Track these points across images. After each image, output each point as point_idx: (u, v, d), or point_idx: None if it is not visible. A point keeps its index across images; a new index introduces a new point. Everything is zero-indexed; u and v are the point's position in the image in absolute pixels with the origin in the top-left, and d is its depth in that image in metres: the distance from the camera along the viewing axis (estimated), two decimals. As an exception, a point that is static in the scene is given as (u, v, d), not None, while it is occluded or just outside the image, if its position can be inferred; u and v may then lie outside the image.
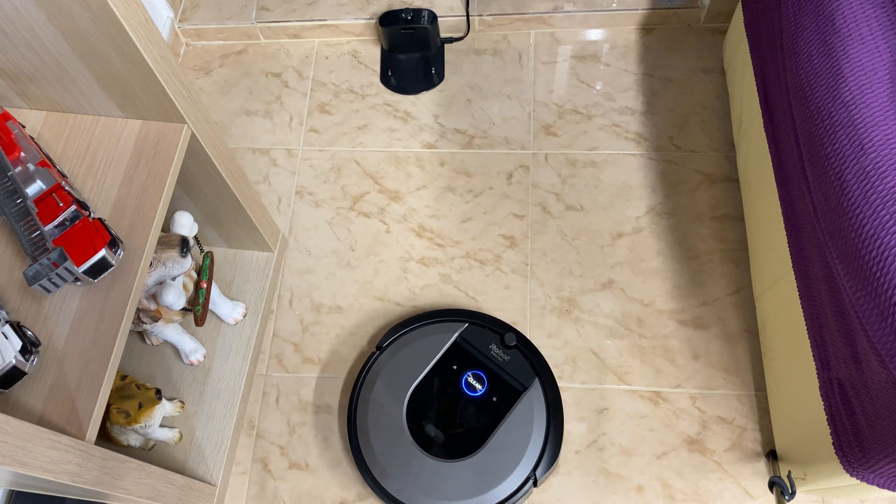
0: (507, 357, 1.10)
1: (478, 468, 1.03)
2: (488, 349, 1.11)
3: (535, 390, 1.08)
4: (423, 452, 1.05)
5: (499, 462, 1.04)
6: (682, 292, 1.22)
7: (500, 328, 1.13)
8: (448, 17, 1.47)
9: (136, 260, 0.83)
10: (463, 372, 1.10)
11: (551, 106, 1.41)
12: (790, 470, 0.99)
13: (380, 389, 1.10)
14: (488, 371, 1.10)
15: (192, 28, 1.53)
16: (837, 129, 0.76)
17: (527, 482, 1.03)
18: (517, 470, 1.03)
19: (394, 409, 1.08)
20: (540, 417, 1.06)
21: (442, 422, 1.09)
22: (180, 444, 1.13)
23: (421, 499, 1.02)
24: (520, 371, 1.09)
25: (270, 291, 1.27)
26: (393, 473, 1.04)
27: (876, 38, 0.78)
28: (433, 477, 1.03)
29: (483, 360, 1.11)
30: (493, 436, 1.05)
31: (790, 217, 0.92)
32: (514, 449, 1.04)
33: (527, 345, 1.12)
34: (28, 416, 0.75)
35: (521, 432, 1.05)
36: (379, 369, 1.11)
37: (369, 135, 1.42)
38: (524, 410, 1.07)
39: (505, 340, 1.11)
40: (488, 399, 1.08)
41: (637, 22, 1.46)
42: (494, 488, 1.02)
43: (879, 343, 0.67)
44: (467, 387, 1.09)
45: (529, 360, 1.10)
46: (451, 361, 1.11)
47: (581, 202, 1.31)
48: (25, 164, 0.82)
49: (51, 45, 0.77)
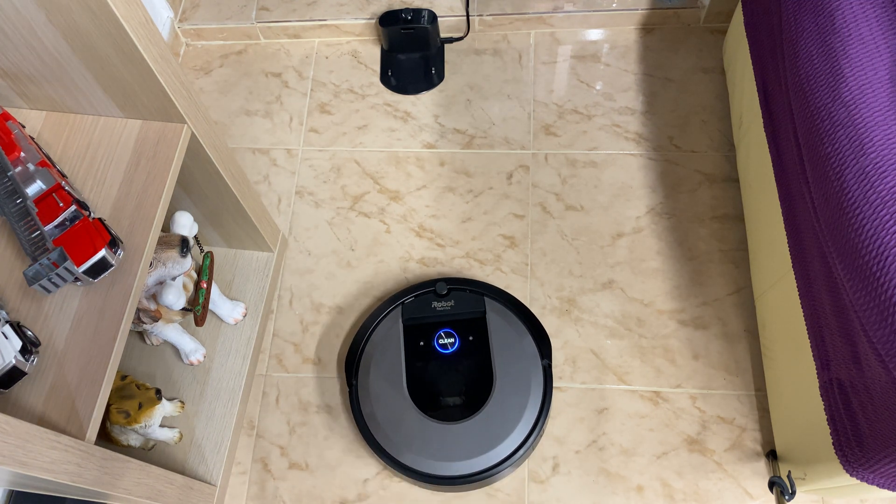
0: (451, 303, 1.15)
1: (501, 396, 1.07)
2: (433, 309, 1.15)
3: (491, 308, 1.14)
4: (447, 423, 1.06)
5: (510, 380, 1.08)
6: (682, 292, 1.22)
7: (430, 286, 1.17)
8: (448, 17, 1.47)
9: (136, 260, 0.83)
10: (430, 340, 1.13)
11: (551, 106, 1.41)
12: (790, 470, 0.99)
13: (376, 391, 1.10)
14: (448, 324, 1.14)
15: (192, 28, 1.53)
16: (837, 129, 0.76)
17: (544, 372, 1.09)
18: (527, 370, 1.08)
19: (398, 401, 1.09)
20: (515, 324, 1.12)
21: (446, 389, 1.11)
22: (180, 444, 1.13)
23: (474, 458, 1.04)
24: (469, 304, 1.15)
25: (270, 291, 1.27)
26: (425, 452, 1.05)
27: (876, 38, 0.78)
28: (468, 434, 1.05)
29: (437, 320, 1.15)
30: (494, 366, 1.09)
31: (790, 217, 0.92)
32: (515, 363, 1.09)
33: (458, 283, 1.17)
34: (28, 416, 0.75)
35: (510, 347, 1.10)
36: (366, 393, 1.11)
37: (369, 135, 1.42)
38: (499, 329, 1.12)
39: (438, 291, 1.16)
40: (467, 343, 1.13)
41: (637, 22, 1.46)
42: (527, 398, 1.07)
43: (879, 343, 0.67)
44: (445, 348, 1.13)
45: (469, 291, 1.16)
46: (416, 340, 1.14)
47: (581, 202, 1.31)
48: (25, 164, 0.82)
49: (51, 45, 0.77)
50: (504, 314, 1.13)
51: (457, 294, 1.16)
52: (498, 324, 1.12)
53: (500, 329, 1.12)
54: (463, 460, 1.04)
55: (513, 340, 1.11)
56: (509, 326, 1.12)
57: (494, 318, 1.13)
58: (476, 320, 1.14)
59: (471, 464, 1.04)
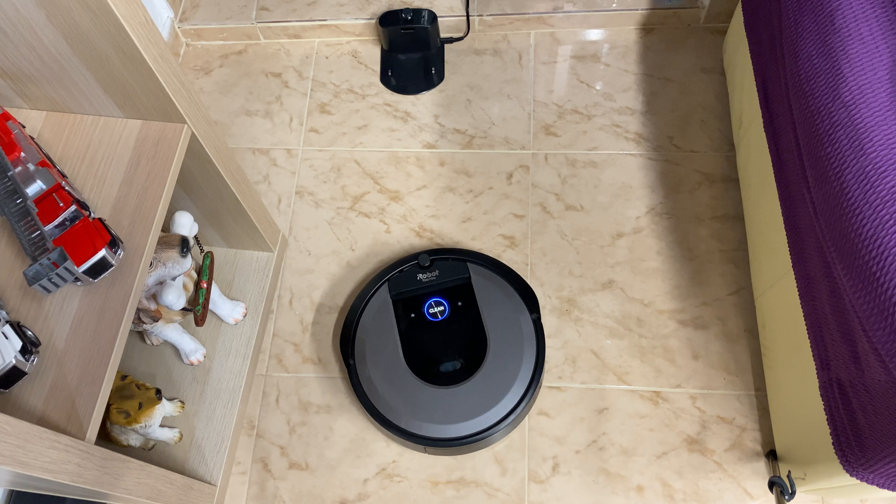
0: (435, 273, 1.18)
1: (497, 353, 1.11)
2: (419, 281, 1.18)
3: (475, 272, 1.18)
4: (449, 387, 1.09)
5: (503, 338, 1.11)
6: (682, 292, 1.22)
7: (413, 259, 1.20)
8: (448, 17, 1.47)
9: (136, 260, 0.83)
10: (420, 311, 1.16)
11: (551, 106, 1.41)
12: (790, 470, 0.99)
13: (375, 366, 1.12)
14: (436, 293, 1.17)
15: (192, 28, 1.53)
16: (837, 129, 0.76)
17: (534, 325, 1.13)
18: (518, 326, 1.12)
19: (397, 373, 1.11)
20: (500, 284, 1.16)
21: (443, 354, 1.13)
22: (180, 444, 1.13)
23: (481, 416, 1.07)
24: (453, 272, 1.18)
25: (270, 291, 1.27)
26: (433, 418, 1.08)
27: (876, 38, 0.78)
28: (471, 393, 1.08)
29: (424, 291, 1.18)
30: (486, 326, 1.12)
31: (790, 217, 0.92)
32: (505, 321, 1.13)
33: (440, 252, 1.21)
34: (28, 416, 0.75)
35: (499, 307, 1.14)
36: (365, 368, 1.13)
37: (369, 135, 1.42)
38: (485, 291, 1.16)
39: (421, 263, 1.18)
40: (457, 309, 1.16)
41: (637, 22, 1.46)
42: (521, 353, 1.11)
43: (879, 343, 0.67)
44: (435, 316, 1.16)
45: (451, 259, 1.20)
46: (406, 313, 1.16)
47: (581, 202, 1.31)
48: (25, 164, 0.82)
49: (51, 45, 0.77)
50: (488, 276, 1.17)
51: (440, 264, 1.19)
52: (483, 286, 1.16)
53: (487, 291, 1.16)
54: (469, 419, 1.07)
55: (500, 300, 1.15)
56: (495, 287, 1.16)
57: (479, 282, 1.17)
58: (462, 286, 1.17)
59: (478, 422, 1.07)
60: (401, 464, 1.15)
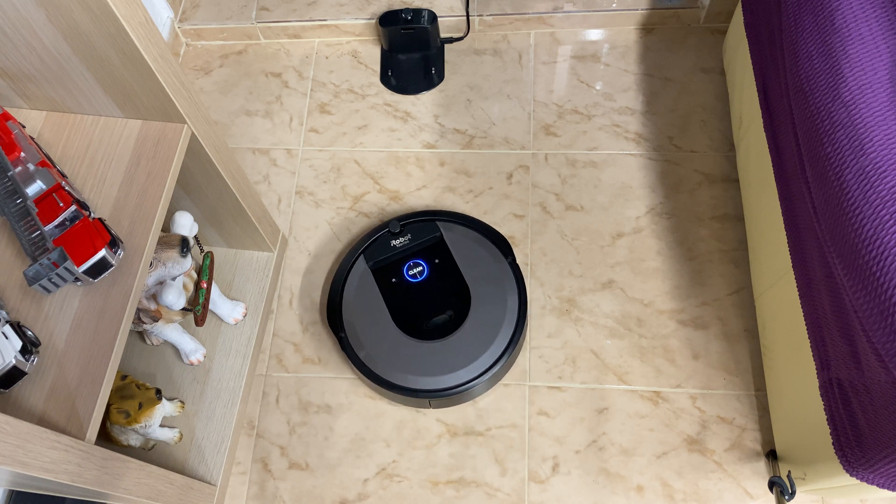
0: (407, 236, 1.22)
1: (481, 299, 1.16)
2: (392, 247, 1.22)
3: (445, 229, 1.22)
4: (441, 340, 1.13)
5: (484, 284, 1.17)
6: (682, 292, 1.22)
7: (383, 228, 1.24)
8: (448, 17, 1.47)
9: (136, 260, 0.83)
10: (401, 275, 1.20)
11: (551, 106, 1.41)
12: (790, 470, 0.99)
13: (366, 334, 1.16)
14: (412, 255, 1.21)
15: (192, 28, 1.53)
16: (837, 129, 0.76)
17: (510, 265, 1.18)
18: (496, 271, 1.17)
19: (389, 335, 1.15)
20: (472, 236, 1.21)
21: (430, 311, 1.17)
22: (180, 444, 1.13)
23: (477, 360, 1.12)
24: (424, 232, 1.23)
25: (270, 291, 1.27)
26: (431, 371, 1.11)
27: (876, 38, 0.78)
28: (464, 341, 1.13)
29: (400, 256, 1.22)
30: (466, 277, 1.17)
31: (790, 217, 0.92)
32: (483, 269, 1.18)
33: (408, 217, 1.25)
34: (28, 416, 0.75)
35: (474, 257, 1.19)
36: (356, 338, 1.16)
37: (369, 135, 1.42)
38: (458, 245, 1.21)
39: (392, 230, 1.22)
40: (436, 267, 1.20)
41: (637, 22, 1.46)
42: (505, 295, 1.16)
43: (879, 343, 0.67)
44: (416, 277, 1.20)
45: (420, 221, 1.24)
46: (388, 279, 1.20)
47: (581, 202, 1.31)
48: (25, 164, 0.82)
49: (51, 45, 0.77)
50: (460, 231, 1.22)
51: (410, 227, 1.23)
52: (456, 241, 1.21)
53: (460, 245, 1.21)
54: (469, 365, 1.11)
55: (474, 251, 1.20)
56: (467, 240, 1.21)
57: (451, 237, 1.22)
58: (436, 244, 1.22)
59: (477, 365, 1.11)
60: (401, 464, 1.15)
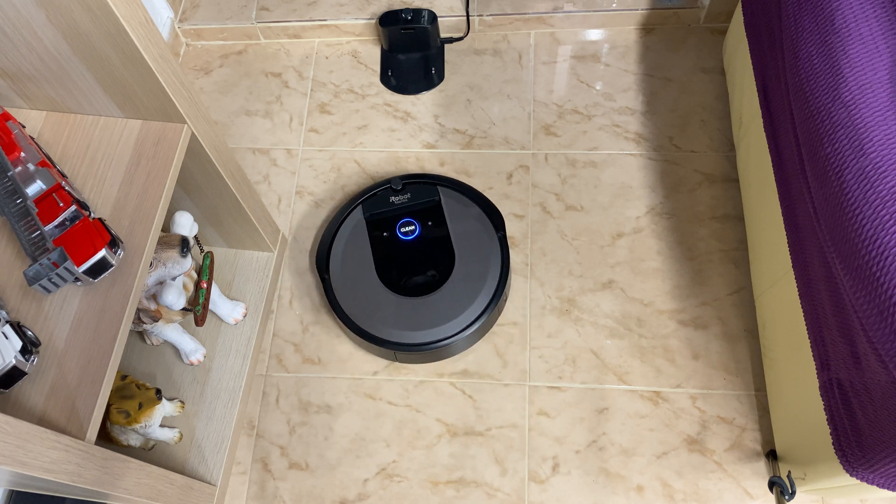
0: (407, 195, 1.25)
1: (463, 265, 1.19)
2: (391, 203, 1.25)
3: (445, 195, 1.25)
4: (418, 297, 1.17)
5: (470, 252, 1.20)
6: (682, 292, 1.22)
7: (385, 183, 1.27)
8: (448, 17, 1.47)
9: (136, 260, 0.83)
10: (393, 231, 1.23)
11: (551, 106, 1.41)
12: (790, 470, 0.99)
13: (349, 280, 1.20)
14: (407, 214, 1.24)
15: (192, 28, 1.53)
16: (837, 129, 0.76)
17: (500, 242, 1.20)
18: (485, 243, 1.20)
19: (370, 286, 1.18)
20: (469, 206, 1.23)
21: (413, 269, 1.20)
22: (180, 444, 1.13)
23: (449, 324, 1.15)
24: (424, 194, 1.25)
25: (270, 291, 1.27)
26: (405, 325, 1.15)
27: (876, 38, 0.78)
28: (440, 302, 1.16)
29: (396, 212, 1.24)
30: (454, 243, 1.20)
31: (790, 217, 0.92)
32: (473, 239, 1.20)
33: (412, 177, 1.28)
34: (28, 416, 0.75)
35: (467, 226, 1.22)
36: (339, 282, 1.20)
37: (369, 135, 1.42)
38: (454, 212, 1.23)
39: (394, 186, 1.26)
40: (427, 229, 1.23)
41: (637, 22, 1.46)
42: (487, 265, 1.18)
43: (879, 343, 0.67)
44: (407, 235, 1.22)
45: (423, 182, 1.27)
46: (380, 232, 1.23)
47: (581, 202, 1.31)
48: (25, 164, 0.82)
49: (51, 45, 0.77)
50: (458, 199, 1.24)
51: (412, 187, 1.26)
52: (453, 208, 1.24)
53: (456, 212, 1.23)
54: (436, 327, 1.14)
55: (468, 221, 1.22)
56: (464, 209, 1.23)
57: (449, 203, 1.24)
58: (432, 208, 1.24)
59: (445, 328, 1.14)
60: (401, 464, 1.15)
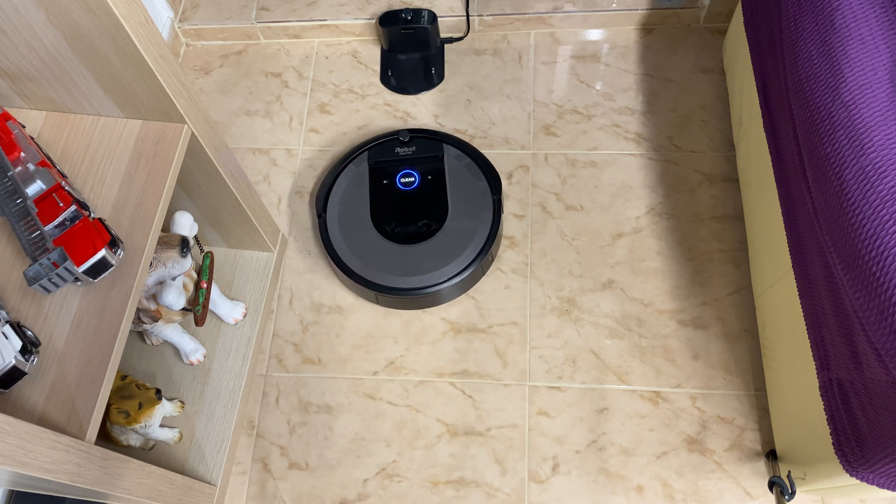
0: (412, 148, 1.29)
1: (455, 221, 1.23)
2: (395, 153, 1.29)
3: (448, 153, 1.29)
4: (407, 244, 1.21)
5: (463, 210, 1.24)
6: (682, 292, 1.22)
7: (393, 135, 1.31)
8: (448, 17, 1.47)
9: (136, 260, 0.83)
10: (393, 180, 1.27)
11: (551, 106, 1.41)
12: (790, 470, 0.99)
13: (344, 220, 1.24)
14: (409, 166, 1.28)
15: (192, 28, 1.53)
16: (837, 129, 0.76)
17: (494, 204, 1.24)
18: (479, 203, 1.24)
19: (363, 228, 1.23)
20: (470, 166, 1.27)
21: (406, 218, 1.24)
22: (180, 444, 1.13)
23: (434, 273, 1.19)
24: (429, 149, 1.30)
25: (270, 291, 1.27)
26: (391, 270, 1.19)
27: (875, 38, 0.78)
28: (427, 252, 1.20)
29: (399, 162, 1.29)
30: (449, 199, 1.24)
31: (790, 217, 0.92)
32: (468, 197, 1.24)
33: (420, 132, 1.32)
34: (28, 416, 0.75)
35: (465, 185, 1.25)
36: (334, 222, 1.25)
37: (369, 135, 1.42)
38: (455, 170, 1.27)
39: (401, 138, 1.30)
40: (426, 181, 1.27)
41: (637, 22, 1.46)
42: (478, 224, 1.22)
43: (879, 343, 0.67)
44: (406, 185, 1.26)
45: (429, 138, 1.31)
46: (380, 179, 1.28)
47: (581, 202, 1.31)
48: (25, 164, 0.82)
49: (51, 45, 0.77)
50: (461, 158, 1.28)
51: (418, 141, 1.30)
52: (454, 165, 1.28)
53: (456, 170, 1.27)
54: (420, 275, 1.18)
55: (467, 179, 1.26)
56: (465, 168, 1.27)
57: (451, 161, 1.28)
58: (435, 163, 1.28)
59: (428, 277, 1.18)
60: (401, 464, 1.15)
